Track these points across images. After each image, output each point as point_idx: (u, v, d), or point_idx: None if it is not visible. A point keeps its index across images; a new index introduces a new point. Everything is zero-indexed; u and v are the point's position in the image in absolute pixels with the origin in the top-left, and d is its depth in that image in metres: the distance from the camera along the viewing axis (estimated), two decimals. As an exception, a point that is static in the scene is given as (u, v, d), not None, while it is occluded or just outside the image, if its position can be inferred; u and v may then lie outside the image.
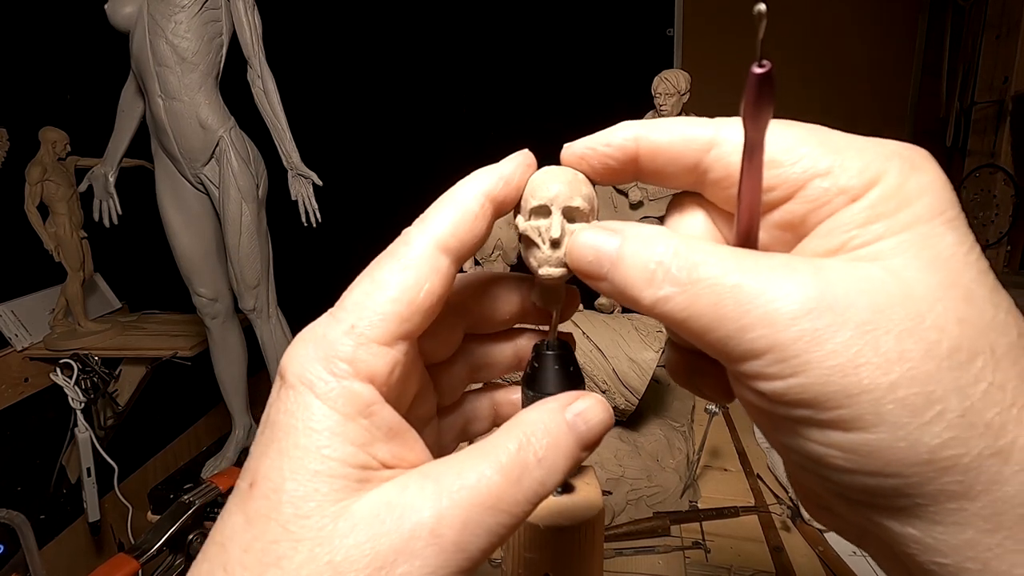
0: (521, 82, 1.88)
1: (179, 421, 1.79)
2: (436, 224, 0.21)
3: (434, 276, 0.21)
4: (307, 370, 0.19)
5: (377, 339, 0.20)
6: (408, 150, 1.97)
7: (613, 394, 0.90)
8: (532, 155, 0.24)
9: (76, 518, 1.41)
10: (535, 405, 0.21)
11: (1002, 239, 1.65)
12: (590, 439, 0.21)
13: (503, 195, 0.22)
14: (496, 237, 0.94)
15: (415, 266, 0.20)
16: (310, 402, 0.19)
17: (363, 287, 0.21)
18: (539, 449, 0.19)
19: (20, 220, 1.37)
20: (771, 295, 0.17)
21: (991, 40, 1.67)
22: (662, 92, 1.17)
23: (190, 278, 1.22)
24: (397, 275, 0.20)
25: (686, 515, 0.83)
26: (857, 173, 0.18)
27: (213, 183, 1.14)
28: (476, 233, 0.22)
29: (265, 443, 0.19)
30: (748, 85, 0.18)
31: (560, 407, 0.21)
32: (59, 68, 1.57)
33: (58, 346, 1.39)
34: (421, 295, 0.20)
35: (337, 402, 0.19)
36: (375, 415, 0.19)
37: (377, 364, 0.20)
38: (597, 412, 0.21)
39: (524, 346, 0.29)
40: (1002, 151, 1.65)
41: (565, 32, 1.86)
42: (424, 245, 0.21)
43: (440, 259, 0.21)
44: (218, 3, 1.09)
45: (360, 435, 0.19)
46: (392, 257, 0.21)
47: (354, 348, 0.19)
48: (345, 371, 0.19)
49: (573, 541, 0.33)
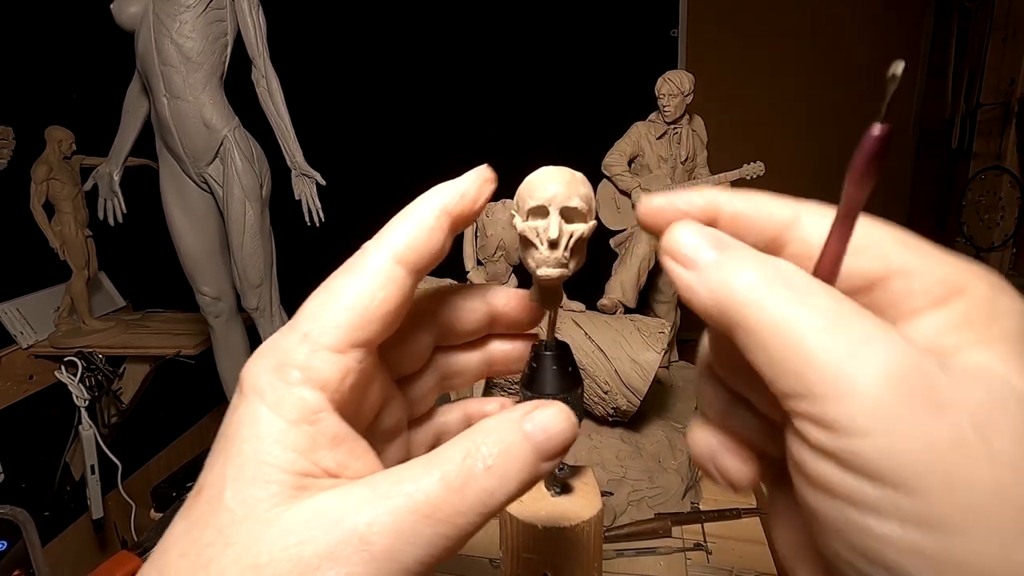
0: (525, 82, 1.88)
1: (182, 419, 1.79)
2: (392, 237, 0.22)
3: (389, 285, 0.21)
4: (259, 379, 0.20)
5: (329, 346, 0.20)
6: (411, 150, 1.97)
7: (615, 395, 0.90)
8: (491, 170, 0.24)
9: (80, 515, 1.42)
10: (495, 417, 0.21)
11: (1007, 241, 1.64)
12: (550, 450, 0.20)
13: (460, 209, 0.23)
14: (499, 237, 0.94)
15: (369, 275, 0.21)
16: (257, 410, 0.19)
17: (319, 298, 0.21)
18: (488, 457, 0.19)
19: (26, 218, 1.37)
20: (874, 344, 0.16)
21: (997, 42, 1.66)
22: (666, 93, 1.17)
23: (194, 277, 1.22)
24: (351, 284, 0.21)
25: (688, 516, 0.83)
26: (941, 280, 0.18)
27: (217, 182, 1.14)
28: (432, 246, 0.22)
29: (215, 452, 0.19)
30: (862, 146, 0.17)
31: (519, 416, 0.20)
32: (64, 67, 1.58)
33: (63, 344, 1.40)
34: (375, 304, 0.20)
35: (283, 408, 0.19)
36: (320, 422, 0.19)
37: (328, 371, 0.20)
38: (557, 421, 0.21)
39: (493, 351, 0.29)
40: (1008, 153, 1.65)
41: (569, 33, 1.85)
42: (379, 256, 0.21)
43: (395, 269, 0.21)
44: (223, 3, 1.09)
45: (303, 441, 0.19)
46: (348, 269, 0.21)
47: (307, 355, 0.20)
48: (296, 378, 0.19)
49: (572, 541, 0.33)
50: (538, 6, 1.84)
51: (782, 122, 1.93)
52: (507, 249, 0.95)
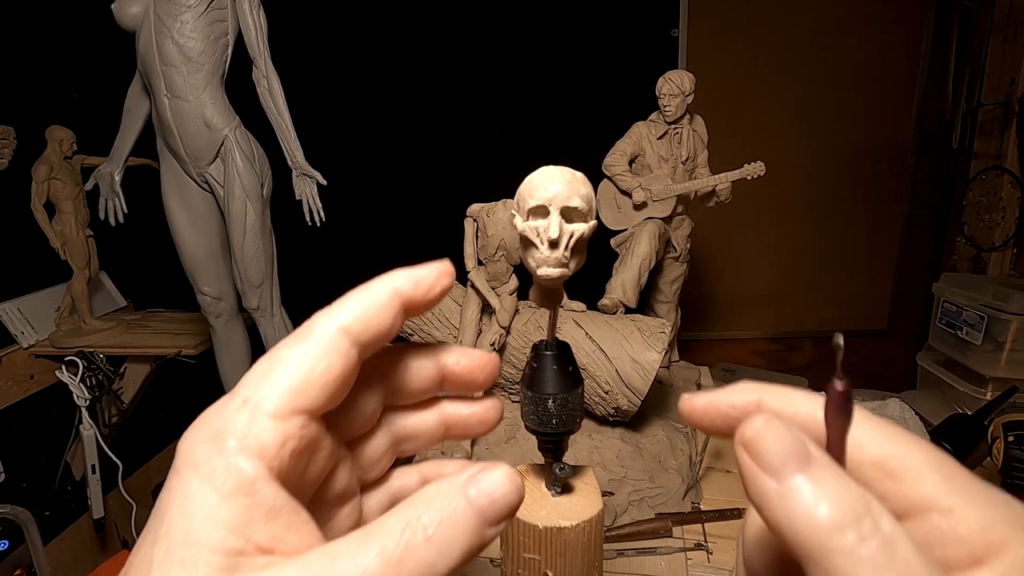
0: (526, 82, 1.88)
1: (183, 419, 1.77)
2: (342, 309, 0.22)
3: (332, 354, 0.21)
4: (194, 449, 0.19)
5: (269, 412, 0.19)
6: (412, 150, 1.97)
7: (616, 394, 0.90)
8: (452, 266, 0.24)
9: (80, 515, 1.42)
10: (438, 482, 0.20)
11: (1008, 242, 1.64)
12: (494, 515, 0.20)
13: (413, 294, 0.23)
14: (499, 237, 0.94)
15: (314, 343, 0.21)
16: (189, 484, 0.18)
17: (263, 365, 0.21)
18: (428, 527, 0.18)
19: (26, 218, 1.37)
20: None
21: (998, 42, 1.66)
22: (666, 93, 1.17)
23: (195, 277, 1.22)
24: (295, 351, 0.21)
25: (688, 516, 0.83)
26: (980, 528, 0.18)
27: (218, 182, 1.14)
28: (381, 323, 0.22)
29: (145, 532, 0.19)
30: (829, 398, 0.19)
31: (462, 481, 0.20)
32: (65, 67, 1.58)
33: (63, 344, 1.40)
34: (317, 371, 0.20)
35: (217, 480, 0.18)
36: (256, 493, 0.18)
37: (267, 438, 0.19)
38: (502, 485, 0.20)
39: (449, 413, 0.28)
40: (1008, 153, 1.64)
41: (570, 33, 1.85)
42: (325, 325, 0.21)
43: (340, 339, 0.21)
44: (224, 3, 1.09)
45: (236, 516, 0.18)
46: (294, 337, 0.21)
47: (245, 422, 0.19)
48: (232, 447, 0.19)
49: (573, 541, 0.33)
50: (538, 6, 1.84)
51: (782, 122, 1.93)
52: (508, 249, 0.95)
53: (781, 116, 1.93)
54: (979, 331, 1.45)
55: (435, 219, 1.50)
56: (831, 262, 2.02)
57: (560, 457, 0.34)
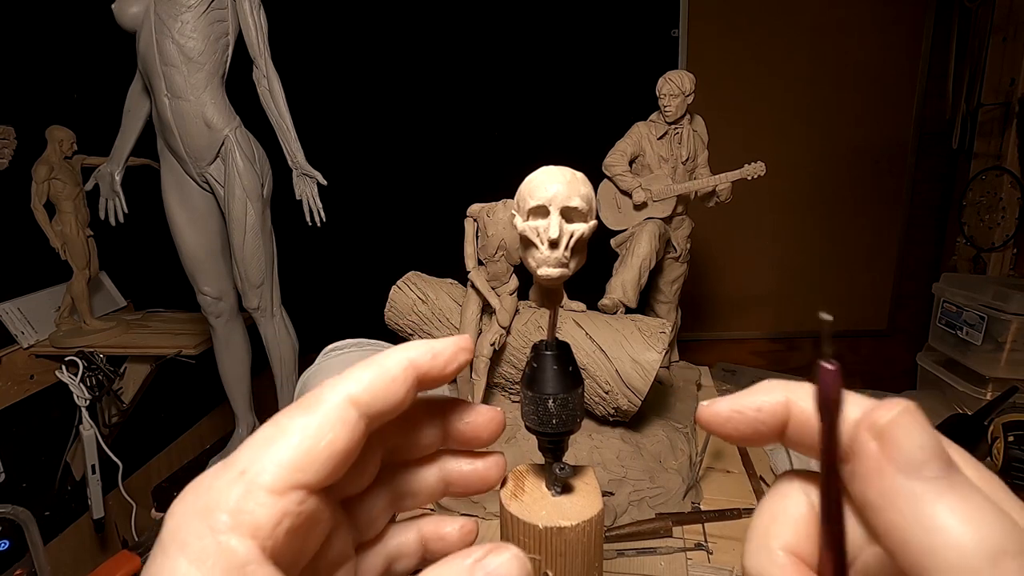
0: (526, 82, 1.88)
1: (183, 419, 1.79)
2: (352, 380, 0.21)
3: (339, 426, 0.20)
4: (182, 526, 0.18)
5: (267, 486, 0.18)
6: (412, 150, 1.97)
7: (616, 395, 0.90)
8: (471, 341, 0.24)
9: (80, 515, 1.42)
10: (444, 562, 0.19)
11: (1008, 242, 1.64)
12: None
13: (429, 367, 0.22)
14: (499, 237, 0.94)
15: (321, 415, 0.20)
16: (175, 565, 0.17)
17: (264, 433, 0.20)
18: None
19: (27, 218, 1.37)
20: None
21: (998, 42, 1.66)
22: (666, 93, 1.17)
23: (195, 277, 1.22)
24: (300, 421, 0.19)
25: (688, 516, 0.83)
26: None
27: (218, 182, 1.14)
28: (392, 396, 0.21)
29: None
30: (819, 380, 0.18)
31: (470, 565, 0.19)
32: (66, 67, 1.58)
33: (63, 344, 1.40)
34: (322, 444, 0.19)
35: (206, 563, 0.17)
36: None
37: (262, 515, 0.18)
38: (511, 568, 0.19)
39: (450, 469, 0.27)
40: (1008, 153, 1.64)
41: (570, 33, 1.86)
42: (334, 397, 0.20)
43: (348, 411, 0.20)
44: (224, 3, 1.09)
45: None
46: (301, 406, 0.20)
47: (240, 497, 0.18)
48: (224, 524, 0.17)
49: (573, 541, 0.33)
50: (539, 6, 1.84)
51: (782, 122, 1.93)
52: (508, 249, 0.95)
53: (781, 116, 1.93)
54: (979, 331, 1.45)
55: (435, 219, 1.50)
56: (831, 262, 2.02)
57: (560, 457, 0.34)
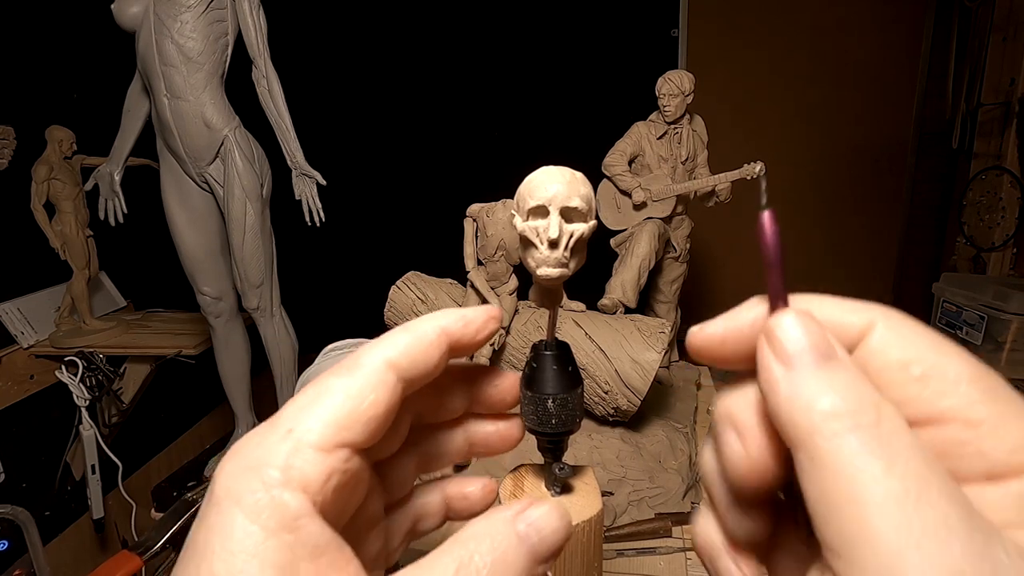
0: (526, 82, 1.88)
1: (183, 419, 1.79)
2: (389, 344, 0.21)
3: (380, 389, 0.20)
4: (236, 482, 0.18)
5: (314, 444, 0.19)
6: (412, 150, 1.97)
7: (615, 394, 0.90)
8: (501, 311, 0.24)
9: (80, 515, 1.42)
10: (486, 515, 0.20)
11: (1008, 242, 1.64)
12: (545, 552, 0.19)
13: (461, 334, 0.23)
14: (499, 237, 0.94)
15: (361, 376, 0.20)
16: (232, 519, 0.17)
17: (307, 394, 0.20)
18: (483, 568, 0.18)
19: (26, 218, 1.37)
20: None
21: (997, 42, 1.66)
22: (666, 93, 1.17)
23: (194, 277, 1.22)
24: (342, 383, 0.20)
25: (688, 516, 0.83)
26: (1011, 447, 0.16)
27: (218, 182, 1.14)
28: (428, 360, 0.22)
29: (183, 568, 0.18)
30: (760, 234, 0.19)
31: (511, 517, 0.19)
32: (65, 67, 1.58)
33: (63, 344, 1.40)
34: (364, 405, 0.20)
35: (261, 515, 0.17)
36: (301, 529, 0.18)
37: (312, 471, 0.18)
38: (551, 521, 0.19)
39: (474, 431, 0.28)
40: (1008, 153, 1.64)
41: (570, 33, 1.86)
42: (373, 359, 0.21)
43: (388, 374, 0.21)
44: (224, 3, 1.09)
45: (281, 555, 0.17)
46: (342, 368, 0.21)
47: (289, 454, 0.18)
48: (275, 479, 0.18)
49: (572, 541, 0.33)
50: (539, 6, 1.84)
51: (782, 122, 1.93)
52: (507, 249, 0.95)
53: (781, 116, 1.93)
54: (979, 331, 1.45)
55: (435, 219, 1.50)
56: (831, 262, 2.02)
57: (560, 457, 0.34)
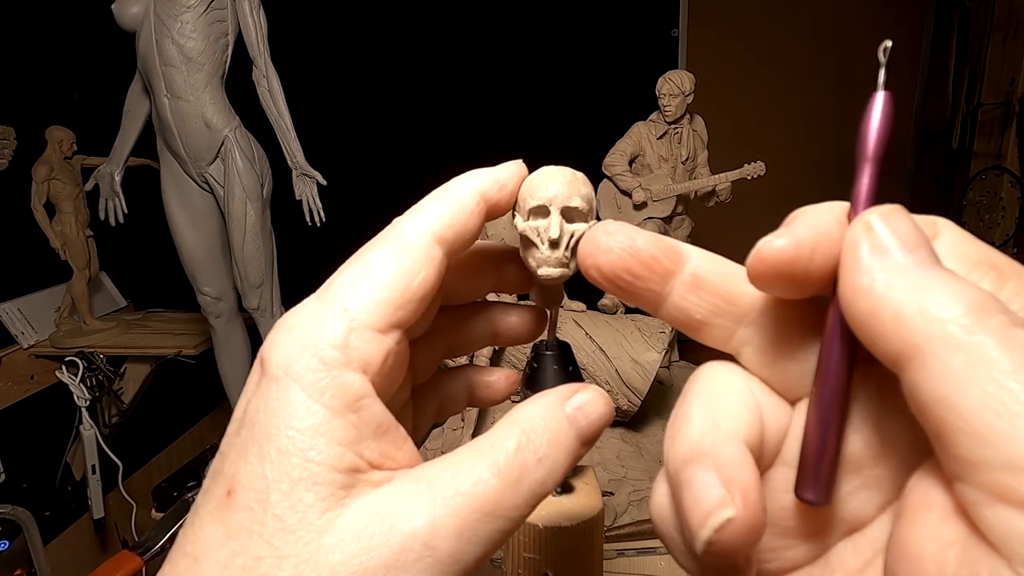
0: (526, 82, 1.88)
1: (183, 419, 1.79)
2: (432, 215, 0.20)
3: (429, 265, 0.20)
4: (293, 359, 0.18)
5: (372, 325, 0.18)
6: (412, 150, 1.97)
7: (616, 395, 0.90)
8: (525, 166, 0.23)
9: (80, 515, 1.42)
10: (533, 399, 0.20)
11: (1008, 241, 1.64)
12: (590, 434, 0.19)
13: (497, 197, 0.22)
14: (499, 237, 0.94)
15: (411, 253, 0.19)
16: (294, 397, 0.17)
17: (355, 270, 0.19)
18: (539, 447, 0.18)
19: (26, 218, 1.37)
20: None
21: (998, 42, 1.66)
22: (666, 93, 1.17)
23: (195, 277, 1.22)
24: (392, 260, 0.19)
25: (688, 516, 0.83)
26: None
27: (218, 182, 1.14)
28: (470, 228, 0.21)
29: (243, 445, 0.17)
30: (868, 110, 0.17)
31: (560, 400, 0.19)
32: (65, 67, 1.58)
33: (63, 344, 1.40)
34: (416, 283, 0.19)
35: (324, 395, 0.17)
36: (364, 409, 0.18)
37: (371, 352, 0.18)
38: (598, 405, 0.20)
39: (499, 320, 0.28)
40: (1008, 153, 1.65)
41: (570, 33, 1.85)
42: (420, 233, 0.20)
43: (435, 249, 0.20)
44: (224, 3, 1.09)
45: (347, 433, 0.17)
46: (387, 243, 0.20)
47: (346, 334, 0.18)
48: (336, 359, 0.18)
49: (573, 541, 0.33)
50: (539, 6, 1.84)
51: (782, 122, 1.93)
52: (508, 249, 0.96)
53: (781, 116, 1.93)
54: (979, 331, 1.44)
55: (435, 219, 1.50)
56: (831, 262, 2.02)
57: (560, 457, 0.34)
